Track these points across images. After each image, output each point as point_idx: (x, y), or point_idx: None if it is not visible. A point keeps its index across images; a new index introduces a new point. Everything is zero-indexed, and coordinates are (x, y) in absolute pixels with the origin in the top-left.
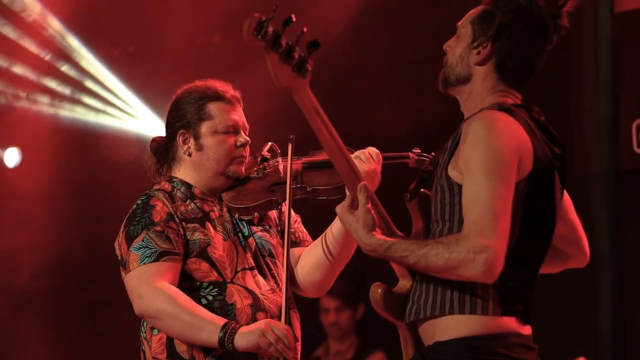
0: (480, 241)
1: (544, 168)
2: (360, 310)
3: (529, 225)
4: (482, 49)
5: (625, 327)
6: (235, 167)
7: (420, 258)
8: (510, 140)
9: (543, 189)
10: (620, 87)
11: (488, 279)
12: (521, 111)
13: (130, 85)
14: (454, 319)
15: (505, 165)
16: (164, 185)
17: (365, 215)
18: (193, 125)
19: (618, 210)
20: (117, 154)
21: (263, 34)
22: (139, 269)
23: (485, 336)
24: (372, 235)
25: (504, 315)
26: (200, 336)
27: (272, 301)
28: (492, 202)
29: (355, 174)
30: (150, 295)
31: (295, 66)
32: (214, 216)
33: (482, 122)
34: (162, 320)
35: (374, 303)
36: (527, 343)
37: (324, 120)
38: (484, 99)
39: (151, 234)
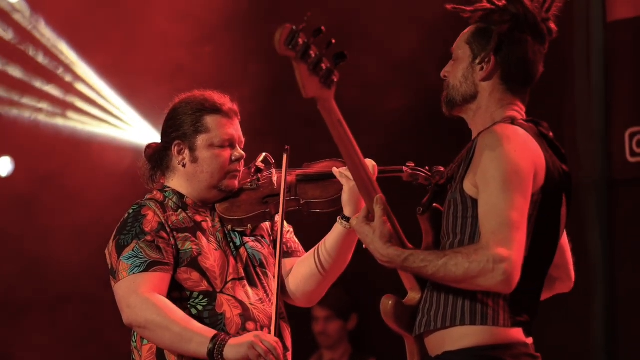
0: (499, 251)
1: (555, 183)
2: (352, 321)
3: (539, 238)
4: (486, 64)
5: (618, 338)
6: (229, 181)
7: (439, 268)
8: (526, 153)
9: (553, 203)
10: (613, 96)
11: (506, 288)
12: (530, 126)
13: (123, 93)
14: (464, 329)
15: (522, 177)
16: (155, 194)
17: (381, 226)
18: (189, 136)
19: (611, 219)
20: (110, 163)
21: (294, 44)
22: (128, 279)
23: (495, 346)
24: (389, 246)
25: (514, 326)
26: (189, 347)
27: (262, 311)
28: (510, 213)
29: (373, 187)
30: (139, 305)
31: (322, 77)
32: (205, 226)
33: (498, 135)
34: (151, 331)
35: (384, 314)
36: (531, 352)
37: (347, 133)
38: (493, 112)
39: (141, 243)
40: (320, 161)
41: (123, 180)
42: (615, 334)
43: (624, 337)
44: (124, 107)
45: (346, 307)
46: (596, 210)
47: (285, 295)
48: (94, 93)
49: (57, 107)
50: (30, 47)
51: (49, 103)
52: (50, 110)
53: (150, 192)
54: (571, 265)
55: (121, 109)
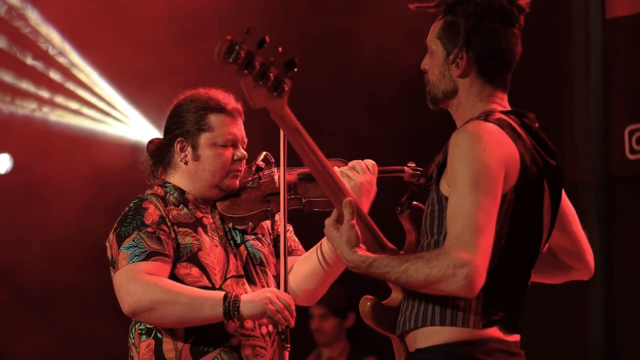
0: (460, 256)
1: (532, 178)
2: (350, 319)
3: (516, 236)
4: (460, 60)
5: (615, 333)
6: (230, 180)
7: (401, 274)
8: (496, 153)
9: (531, 199)
10: (612, 93)
11: (469, 293)
12: (512, 118)
13: (123, 92)
14: (434, 328)
15: (491, 178)
16: (156, 189)
17: (348, 231)
18: (192, 134)
19: (610, 217)
20: (109, 161)
21: (235, 57)
22: (126, 267)
23: (464, 342)
24: (354, 252)
25: (486, 326)
26: (202, 313)
27: None
28: (476, 216)
29: (341, 190)
30: (140, 289)
31: (271, 87)
32: (206, 222)
33: (468, 135)
34: (159, 310)
35: (363, 316)
36: (510, 349)
37: (306, 139)
38: (472, 106)
39: (142, 234)
40: None
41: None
42: (613, 331)
43: (622, 334)
44: (122, 104)
45: (343, 304)
46: (595, 208)
47: None
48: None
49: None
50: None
51: (46, 101)
52: (47, 108)
53: (151, 187)
54: (588, 254)
55: (118, 107)
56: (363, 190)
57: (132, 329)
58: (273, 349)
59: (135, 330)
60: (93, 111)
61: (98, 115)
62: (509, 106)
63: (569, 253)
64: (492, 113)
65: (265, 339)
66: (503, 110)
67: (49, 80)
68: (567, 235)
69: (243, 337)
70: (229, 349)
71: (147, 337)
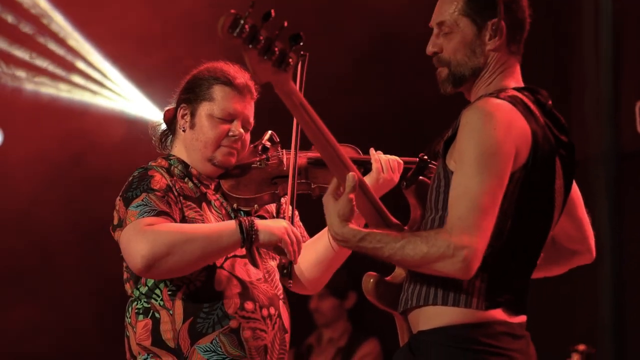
0: (461, 238)
1: (544, 157)
2: (350, 299)
3: (523, 216)
4: (499, 33)
5: (625, 314)
6: (223, 157)
7: (396, 250)
8: (507, 132)
9: (541, 178)
10: (623, 65)
11: (464, 275)
12: (525, 95)
13: (118, 64)
14: (437, 309)
15: (500, 159)
16: (160, 162)
17: (345, 205)
18: (193, 101)
19: (619, 194)
20: (103, 135)
21: (239, 31)
22: (134, 222)
23: (467, 325)
24: (344, 225)
25: (490, 308)
26: (222, 244)
27: (262, 291)
28: (481, 198)
29: (345, 164)
30: (152, 237)
31: (275, 61)
32: (211, 198)
33: (479, 112)
34: (176, 253)
35: (365, 292)
36: (514, 331)
37: (311, 115)
38: (492, 80)
39: (152, 195)
40: None
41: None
42: (623, 309)
43: (632, 312)
44: (118, 77)
45: (342, 284)
46: (605, 184)
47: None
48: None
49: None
50: (18, 15)
51: (38, 73)
52: (40, 80)
53: (155, 159)
54: (591, 239)
55: (115, 80)
56: (380, 186)
57: (129, 308)
58: (274, 332)
59: (132, 310)
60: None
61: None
62: (522, 81)
63: (573, 238)
64: (505, 90)
65: (266, 322)
66: (516, 87)
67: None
68: (572, 220)
69: (243, 319)
70: (228, 331)
71: (145, 317)
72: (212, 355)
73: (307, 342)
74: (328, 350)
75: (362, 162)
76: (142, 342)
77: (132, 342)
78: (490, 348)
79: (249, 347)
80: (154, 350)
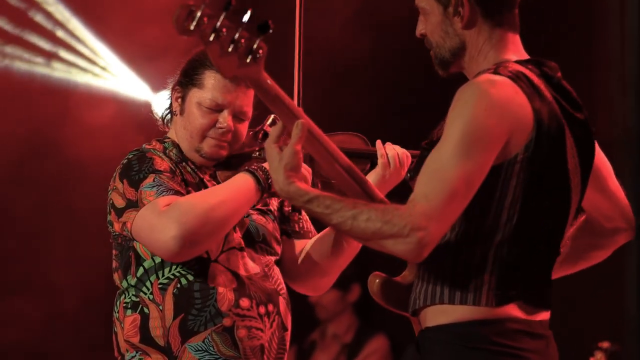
0: (421, 219)
1: (551, 136)
2: (354, 292)
3: (533, 201)
4: (461, 9)
5: None
6: (210, 148)
7: (346, 219)
8: (501, 113)
9: (550, 159)
10: None
11: (413, 258)
12: (530, 68)
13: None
14: (443, 306)
15: (486, 143)
16: (154, 144)
17: (291, 156)
18: (185, 85)
19: None
20: (90, 115)
21: (196, 25)
22: (152, 203)
23: (475, 321)
24: (291, 182)
25: (501, 304)
26: (246, 195)
27: (260, 287)
28: (454, 182)
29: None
30: (177, 212)
31: (242, 54)
32: (209, 185)
33: (472, 90)
34: (211, 221)
35: (372, 294)
36: (531, 329)
37: (289, 106)
38: (485, 56)
39: (161, 176)
40: (334, 133)
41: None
42: None
43: None
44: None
45: (345, 275)
46: (630, 167)
47: (294, 281)
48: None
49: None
50: None
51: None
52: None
53: (149, 142)
54: (628, 210)
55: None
56: (385, 182)
57: (117, 302)
58: (272, 330)
59: (120, 304)
60: None
61: None
62: (526, 53)
63: (609, 216)
64: (505, 64)
65: (263, 320)
66: (519, 60)
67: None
68: (605, 196)
69: (237, 317)
70: (222, 330)
71: (133, 312)
72: (204, 355)
73: (310, 338)
74: (332, 346)
75: (369, 155)
76: (130, 338)
77: (120, 339)
78: (501, 347)
79: (243, 347)
80: (142, 347)
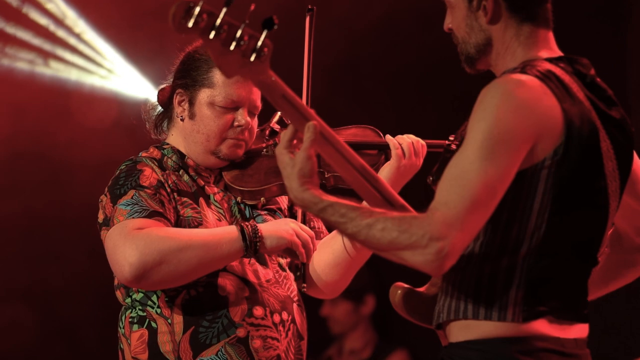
0: (441, 228)
1: (583, 138)
2: (368, 304)
3: (565, 208)
4: (485, 2)
5: None
6: (229, 149)
7: (361, 229)
8: (528, 115)
9: (583, 163)
10: None
11: (434, 272)
12: (561, 66)
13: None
14: (468, 322)
15: (511, 146)
16: (152, 151)
17: (304, 162)
18: (191, 87)
19: None
20: (92, 117)
21: (195, 22)
22: (121, 223)
23: (500, 339)
24: (305, 189)
25: (528, 320)
26: (221, 253)
27: (273, 294)
28: (477, 189)
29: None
30: (142, 242)
31: (246, 52)
32: (209, 192)
33: (497, 90)
34: (170, 262)
35: (394, 306)
36: (565, 349)
37: (297, 107)
38: (513, 53)
39: (141, 192)
40: (346, 127)
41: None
42: None
43: None
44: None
45: (359, 286)
46: None
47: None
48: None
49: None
50: None
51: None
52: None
53: (146, 149)
54: None
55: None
56: (400, 174)
57: (122, 317)
58: (287, 339)
59: (125, 319)
60: None
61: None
62: (558, 50)
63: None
64: (534, 62)
65: (278, 329)
66: (550, 58)
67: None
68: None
69: (252, 327)
70: (236, 341)
71: (140, 327)
72: None
73: (326, 354)
74: None
75: (383, 147)
76: (138, 355)
77: (127, 356)
78: None
79: (259, 357)
80: None
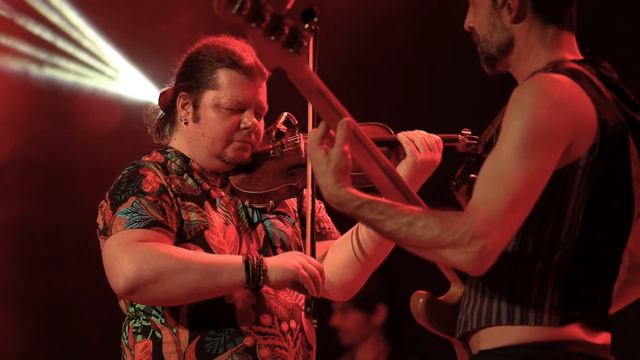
0: (484, 226)
1: (615, 140)
2: (380, 314)
3: (596, 210)
4: (511, 1)
5: None
6: (235, 152)
7: (401, 226)
8: (563, 113)
9: (613, 165)
10: None
11: (474, 270)
12: (587, 68)
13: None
14: (501, 328)
15: (549, 144)
16: (155, 156)
17: (339, 158)
18: (195, 89)
19: None
20: (95, 121)
21: (239, 7)
22: (120, 233)
23: (538, 344)
24: (341, 186)
25: (564, 324)
26: (219, 281)
27: (280, 301)
28: (518, 187)
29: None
30: (140, 257)
31: (286, 42)
32: (215, 196)
33: (533, 88)
34: (166, 281)
35: (415, 315)
36: (595, 353)
37: (331, 103)
38: (537, 55)
39: (142, 200)
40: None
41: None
42: None
43: None
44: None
45: (370, 295)
46: None
47: None
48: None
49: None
50: None
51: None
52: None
53: (149, 153)
54: None
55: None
56: (418, 170)
57: (126, 327)
58: (296, 349)
59: (129, 329)
60: None
61: None
62: (580, 53)
63: None
64: (563, 63)
65: (286, 337)
66: (575, 60)
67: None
68: None
69: (259, 335)
70: (243, 350)
71: (144, 338)
72: None
73: None
74: None
75: (393, 143)
76: None
77: None
78: None
79: (274, 356)
80: None
